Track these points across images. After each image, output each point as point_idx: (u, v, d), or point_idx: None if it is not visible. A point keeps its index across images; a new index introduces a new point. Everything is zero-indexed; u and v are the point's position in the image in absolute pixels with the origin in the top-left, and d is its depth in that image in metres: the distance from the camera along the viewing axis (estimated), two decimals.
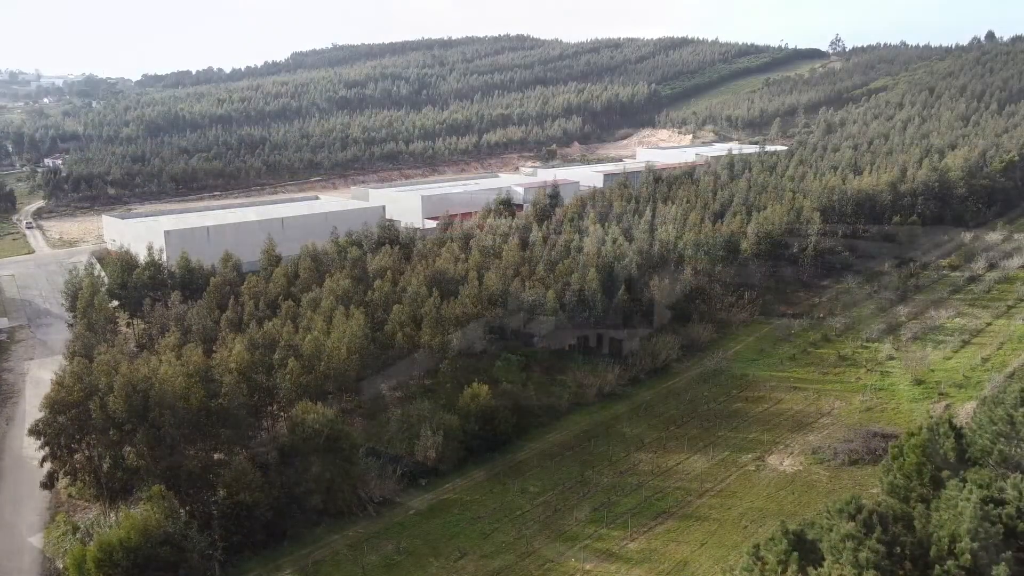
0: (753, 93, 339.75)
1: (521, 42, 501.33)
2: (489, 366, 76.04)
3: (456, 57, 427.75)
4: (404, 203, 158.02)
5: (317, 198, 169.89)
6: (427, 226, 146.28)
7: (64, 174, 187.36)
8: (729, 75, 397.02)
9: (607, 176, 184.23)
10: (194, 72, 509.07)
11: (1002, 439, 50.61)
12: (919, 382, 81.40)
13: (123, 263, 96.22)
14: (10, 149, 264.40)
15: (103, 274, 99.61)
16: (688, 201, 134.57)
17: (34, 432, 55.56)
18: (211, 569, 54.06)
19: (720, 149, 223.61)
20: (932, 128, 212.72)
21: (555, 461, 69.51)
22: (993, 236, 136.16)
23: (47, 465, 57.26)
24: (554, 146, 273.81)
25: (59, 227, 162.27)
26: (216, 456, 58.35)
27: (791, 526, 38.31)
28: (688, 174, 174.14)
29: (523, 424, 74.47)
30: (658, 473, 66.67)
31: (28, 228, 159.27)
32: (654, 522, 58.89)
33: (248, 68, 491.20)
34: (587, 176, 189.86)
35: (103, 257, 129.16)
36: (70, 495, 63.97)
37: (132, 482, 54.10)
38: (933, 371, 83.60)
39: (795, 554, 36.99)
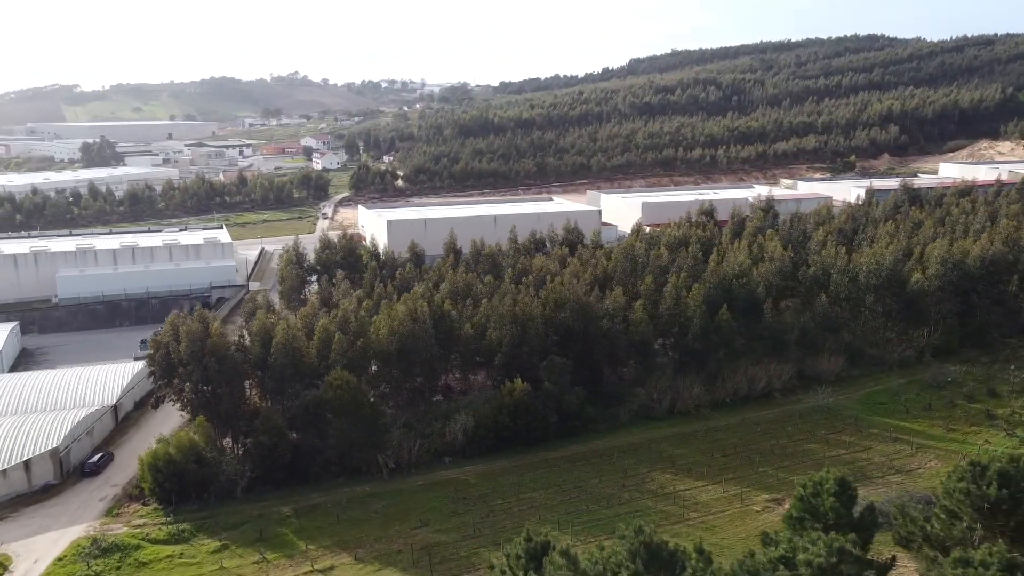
0: None
1: (871, 42, 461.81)
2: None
3: (788, 60, 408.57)
4: (626, 209, 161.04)
5: (551, 199, 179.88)
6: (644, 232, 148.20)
7: (366, 169, 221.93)
8: None
9: (868, 192, 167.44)
10: (543, 78, 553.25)
11: (940, 518, 42.68)
12: None
13: (323, 244, 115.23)
14: (360, 148, 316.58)
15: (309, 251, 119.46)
16: (908, 225, 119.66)
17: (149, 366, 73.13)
18: (234, 492, 66.66)
19: None
20: None
21: (576, 465, 70.83)
22: None
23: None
24: (854, 157, 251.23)
25: (346, 213, 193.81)
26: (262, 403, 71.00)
27: (537, 538, 38.75)
28: (964, 193, 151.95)
29: (571, 427, 76.53)
30: (659, 494, 64.94)
31: (323, 216, 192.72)
32: (607, 537, 58.34)
33: (587, 74, 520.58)
34: (846, 191, 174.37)
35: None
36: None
37: (194, 411, 68.59)
38: None
39: (522, 560, 37.68)
